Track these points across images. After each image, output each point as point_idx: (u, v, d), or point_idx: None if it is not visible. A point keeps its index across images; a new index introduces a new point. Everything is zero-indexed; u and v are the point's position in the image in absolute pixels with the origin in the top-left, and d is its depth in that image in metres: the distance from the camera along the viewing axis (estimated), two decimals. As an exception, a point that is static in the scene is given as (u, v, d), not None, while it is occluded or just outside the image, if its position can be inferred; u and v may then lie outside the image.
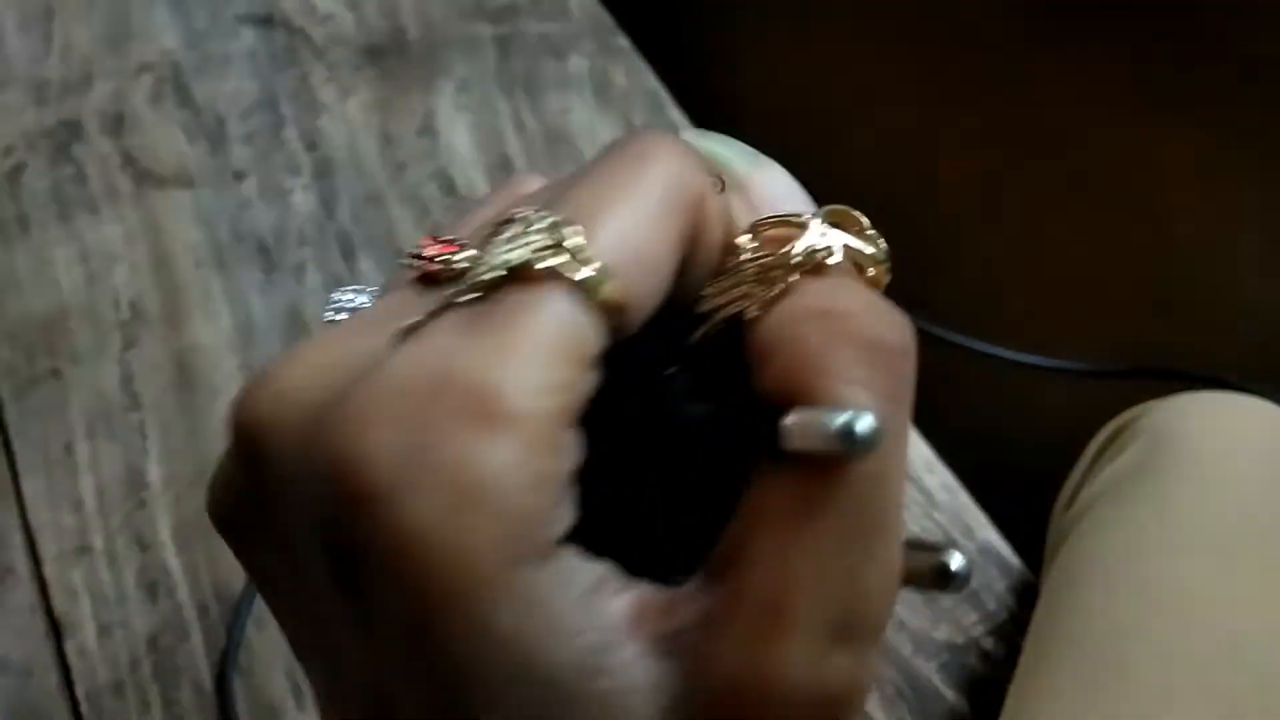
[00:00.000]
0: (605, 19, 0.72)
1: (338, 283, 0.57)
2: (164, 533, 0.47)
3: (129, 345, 0.53)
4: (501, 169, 0.62)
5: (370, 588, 0.13)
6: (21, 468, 0.48)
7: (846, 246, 0.16)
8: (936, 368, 0.22)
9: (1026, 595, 0.49)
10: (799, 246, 0.16)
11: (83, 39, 0.66)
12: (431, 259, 0.15)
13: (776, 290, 0.15)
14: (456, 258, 0.15)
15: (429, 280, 0.16)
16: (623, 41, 0.70)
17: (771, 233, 0.16)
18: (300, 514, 0.14)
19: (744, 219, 0.17)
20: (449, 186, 0.61)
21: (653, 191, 0.15)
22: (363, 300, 0.18)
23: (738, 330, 0.16)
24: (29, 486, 0.48)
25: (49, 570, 0.46)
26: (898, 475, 0.15)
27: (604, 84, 0.68)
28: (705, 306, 0.16)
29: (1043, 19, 0.61)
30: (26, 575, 0.46)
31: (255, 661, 0.44)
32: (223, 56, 0.66)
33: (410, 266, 0.16)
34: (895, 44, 0.70)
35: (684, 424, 0.16)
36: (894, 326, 0.15)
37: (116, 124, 0.62)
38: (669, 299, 0.16)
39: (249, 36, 0.67)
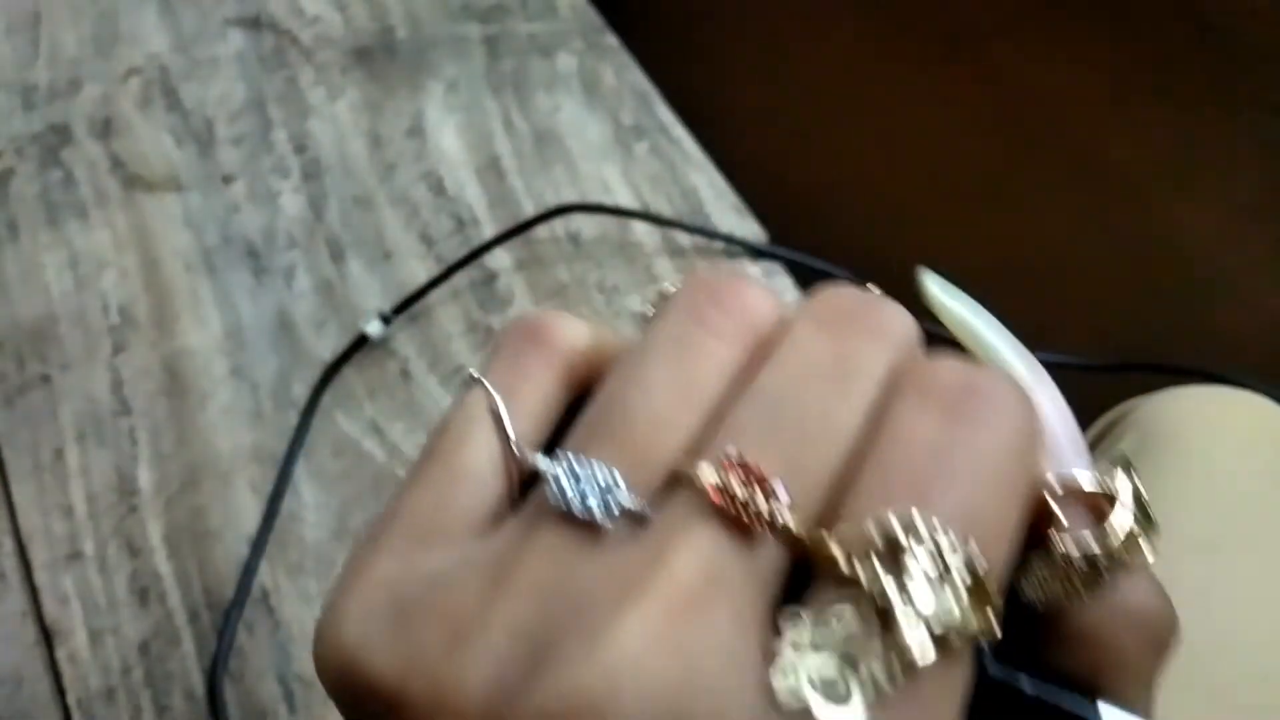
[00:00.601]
0: (594, 17, 0.71)
1: (328, 285, 0.56)
2: (155, 538, 0.47)
3: (118, 350, 0.53)
4: (491, 169, 0.62)
5: None
6: (11, 474, 0.48)
7: (1147, 533, 0.16)
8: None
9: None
10: (1117, 541, 0.16)
11: (70, 43, 0.65)
12: (766, 519, 0.14)
13: (1102, 587, 0.16)
14: (819, 539, 0.14)
15: (738, 524, 0.14)
16: (611, 40, 0.70)
17: (1083, 502, 0.16)
18: None
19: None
20: (439, 187, 0.61)
21: (1014, 475, 0.15)
22: (621, 496, 0.15)
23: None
24: (19, 493, 0.48)
25: (39, 577, 0.46)
26: None
27: (593, 83, 0.67)
28: (1037, 596, 0.16)
29: (1042, 9, 0.61)
30: (17, 582, 0.46)
31: (247, 667, 0.44)
32: (210, 59, 0.66)
33: (716, 505, 0.15)
34: (888, 40, 0.70)
35: (985, 684, 0.16)
36: (1173, 621, 0.16)
37: (105, 128, 0.61)
38: None
39: (237, 39, 0.67)
